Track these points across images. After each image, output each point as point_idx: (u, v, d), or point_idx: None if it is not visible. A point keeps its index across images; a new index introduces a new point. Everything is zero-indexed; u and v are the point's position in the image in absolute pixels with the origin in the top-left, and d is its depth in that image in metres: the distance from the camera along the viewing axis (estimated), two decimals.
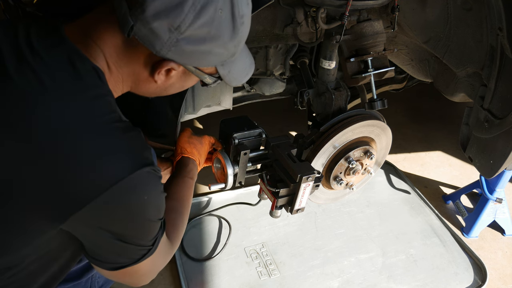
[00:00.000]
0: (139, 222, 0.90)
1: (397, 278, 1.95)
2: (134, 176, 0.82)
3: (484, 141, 1.55)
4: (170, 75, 0.93)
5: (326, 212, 2.28)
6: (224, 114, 1.66)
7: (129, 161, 0.83)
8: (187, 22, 0.82)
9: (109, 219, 0.86)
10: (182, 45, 0.85)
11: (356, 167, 1.49)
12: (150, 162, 0.87)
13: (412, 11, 1.60)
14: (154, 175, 0.88)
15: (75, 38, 0.87)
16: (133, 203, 0.86)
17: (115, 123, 0.85)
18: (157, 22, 0.81)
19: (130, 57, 0.90)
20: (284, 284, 1.89)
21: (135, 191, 0.85)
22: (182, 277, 1.85)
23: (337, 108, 1.50)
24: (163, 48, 0.85)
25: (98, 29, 0.87)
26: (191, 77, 0.98)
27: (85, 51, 0.87)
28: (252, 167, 1.43)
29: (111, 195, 0.81)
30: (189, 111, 1.83)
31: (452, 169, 2.76)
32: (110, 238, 0.88)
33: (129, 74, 0.93)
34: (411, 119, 3.22)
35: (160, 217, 0.96)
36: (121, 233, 0.89)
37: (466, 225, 2.27)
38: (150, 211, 0.91)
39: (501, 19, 1.30)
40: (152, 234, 0.95)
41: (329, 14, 1.39)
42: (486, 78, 1.49)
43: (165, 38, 0.83)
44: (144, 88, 0.98)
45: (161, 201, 0.95)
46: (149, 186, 0.88)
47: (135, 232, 0.91)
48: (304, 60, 1.87)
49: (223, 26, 0.87)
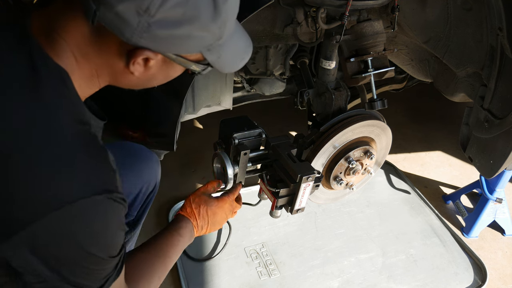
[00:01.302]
0: (84, 258, 0.78)
1: (397, 278, 1.95)
2: (84, 202, 0.73)
3: (484, 141, 1.55)
4: (148, 65, 0.82)
5: (326, 212, 2.28)
6: (224, 114, 1.65)
7: (80, 185, 0.74)
8: (157, 3, 0.71)
9: (48, 249, 0.74)
10: (155, 29, 0.74)
11: (356, 167, 1.49)
12: (109, 188, 0.77)
13: (412, 11, 1.60)
14: (110, 204, 0.78)
15: (39, 32, 0.78)
16: (80, 235, 0.76)
17: (75, 140, 0.76)
18: (122, 4, 0.71)
19: (100, 47, 0.80)
20: (284, 284, 1.89)
21: (81, 219, 0.74)
22: (182, 277, 1.85)
23: (337, 108, 1.50)
24: (133, 34, 0.74)
25: (62, 20, 0.78)
26: (174, 66, 0.87)
27: (50, 48, 0.78)
28: (252, 167, 1.43)
29: (52, 221, 0.71)
30: (189, 111, 1.83)
31: (452, 169, 2.76)
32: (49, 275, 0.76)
33: (103, 66, 0.83)
34: (411, 119, 3.22)
35: (112, 255, 0.83)
36: (62, 268, 0.77)
37: (466, 225, 2.27)
38: (99, 246, 0.79)
39: (501, 19, 1.30)
40: (100, 274, 0.83)
41: (329, 14, 1.39)
42: (486, 78, 1.49)
43: (134, 23, 0.73)
44: (123, 81, 0.88)
45: (114, 235, 0.84)
46: (102, 215, 0.78)
47: (79, 270, 0.79)
48: (304, 60, 1.87)
49: (201, 5, 0.75)
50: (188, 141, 2.73)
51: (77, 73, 0.81)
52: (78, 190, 0.73)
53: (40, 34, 0.78)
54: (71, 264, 0.78)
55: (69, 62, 0.80)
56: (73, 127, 0.77)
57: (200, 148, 2.70)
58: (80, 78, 0.82)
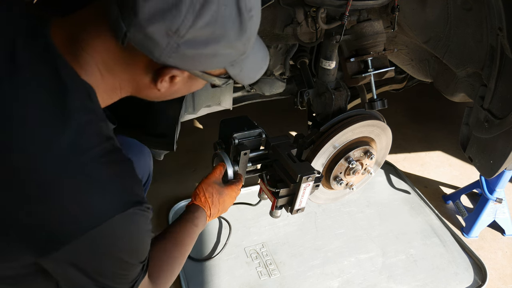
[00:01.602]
0: (117, 265, 0.85)
1: (397, 278, 1.95)
2: (116, 218, 0.77)
3: (484, 141, 1.55)
4: (174, 81, 0.84)
5: (326, 212, 2.28)
6: (224, 114, 1.66)
7: (112, 202, 0.78)
8: (187, 24, 0.72)
9: (86, 262, 0.81)
10: (184, 49, 0.75)
11: (356, 167, 1.49)
12: (138, 200, 0.81)
13: (412, 11, 1.60)
14: (140, 216, 0.82)
15: (63, 45, 0.79)
16: (114, 247, 0.82)
17: (102, 157, 0.78)
18: (152, 26, 0.72)
19: (127, 64, 0.81)
20: (284, 284, 1.89)
21: (115, 235, 0.80)
22: (182, 277, 1.85)
23: (337, 108, 1.50)
24: (162, 54, 0.76)
25: (87, 35, 0.78)
26: (198, 81, 0.89)
27: (75, 63, 0.78)
28: (252, 167, 1.43)
29: (90, 238, 0.76)
30: (189, 111, 1.83)
31: (452, 169, 2.76)
32: (86, 281, 0.83)
33: (128, 80, 0.85)
34: (411, 119, 3.22)
35: (141, 260, 0.90)
36: (98, 276, 0.84)
37: (466, 225, 2.27)
38: (130, 254, 0.86)
39: (501, 19, 1.30)
40: (131, 277, 0.89)
41: (329, 14, 1.39)
42: (486, 78, 1.49)
43: (164, 43, 0.74)
44: (146, 94, 0.90)
45: (145, 243, 0.89)
46: (132, 228, 0.83)
47: (113, 276, 0.86)
48: (304, 60, 1.87)
49: (228, 24, 0.76)
50: (188, 141, 2.73)
51: (101, 87, 0.83)
52: (112, 207, 0.77)
53: (64, 47, 0.79)
54: (107, 272, 0.84)
55: (94, 77, 0.81)
56: (101, 145, 0.79)
57: (200, 148, 2.70)
58: (103, 92, 0.84)
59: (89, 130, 0.78)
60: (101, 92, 0.83)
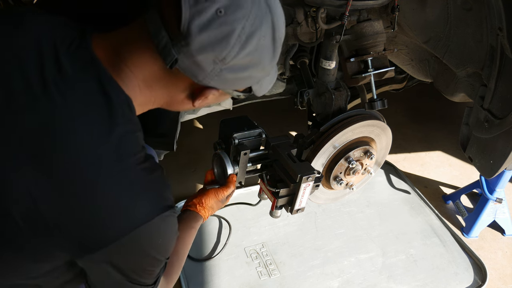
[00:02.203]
0: (148, 262, 0.92)
1: (397, 278, 1.95)
2: (155, 220, 0.84)
3: (484, 141, 1.55)
4: (208, 97, 0.91)
5: (326, 212, 2.28)
6: (224, 114, 1.65)
7: (151, 206, 0.84)
8: (233, 54, 0.80)
9: (123, 260, 0.87)
10: (225, 74, 0.83)
11: (356, 167, 1.49)
12: (170, 204, 0.88)
13: (412, 11, 1.60)
14: (172, 218, 0.90)
15: (105, 60, 0.83)
16: (150, 247, 0.88)
17: (140, 165, 0.84)
18: (202, 55, 0.79)
19: (167, 83, 0.87)
20: (284, 284, 1.89)
21: (152, 235, 0.86)
22: (182, 277, 1.85)
23: (337, 108, 1.50)
24: (206, 78, 0.83)
25: (132, 54, 0.83)
26: (226, 96, 0.96)
27: (117, 76, 0.83)
28: (252, 167, 1.43)
29: (131, 238, 0.82)
30: (189, 111, 1.83)
31: (452, 169, 2.76)
32: (119, 277, 0.89)
33: (163, 96, 0.91)
34: (411, 119, 3.22)
35: (167, 257, 0.97)
36: (131, 272, 0.90)
37: (466, 225, 2.27)
38: (161, 252, 0.93)
39: (501, 19, 1.30)
40: (156, 273, 0.96)
41: (329, 14, 1.39)
42: (486, 78, 1.49)
43: (209, 69, 0.81)
44: (177, 107, 0.96)
45: (173, 243, 0.96)
46: (167, 229, 0.90)
47: (143, 272, 0.93)
48: (304, 60, 1.87)
49: (265, 52, 0.85)
50: (188, 141, 2.73)
51: (138, 100, 0.88)
52: (153, 210, 0.84)
53: (106, 61, 0.83)
54: (138, 268, 0.91)
55: (133, 91, 0.86)
56: (139, 153, 0.85)
57: (200, 148, 2.70)
58: (138, 104, 0.89)
59: (130, 139, 0.84)
60: (137, 104, 0.88)
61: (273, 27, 0.84)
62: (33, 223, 0.78)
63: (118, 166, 0.81)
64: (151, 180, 0.86)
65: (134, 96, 0.86)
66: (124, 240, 0.81)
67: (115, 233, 0.81)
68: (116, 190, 0.80)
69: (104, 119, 0.81)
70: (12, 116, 0.78)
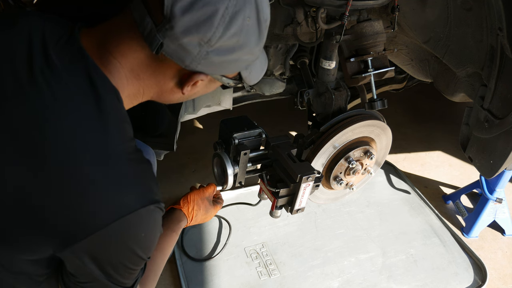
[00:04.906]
0: (128, 257, 0.89)
1: (397, 278, 1.95)
2: (140, 211, 0.82)
3: (484, 141, 1.55)
4: (196, 85, 0.92)
5: (326, 212, 2.28)
6: (224, 114, 1.66)
7: (138, 196, 0.83)
8: (217, 35, 0.80)
9: (103, 252, 0.85)
10: (212, 57, 0.83)
11: (356, 167, 1.49)
12: (157, 199, 0.87)
13: (412, 11, 1.60)
14: (158, 213, 0.88)
15: (93, 52, 0.84)
16: (132, 239, 0.86)
17: (128, 155, 0.84)
18: (187, 38, 0.79)
19: (154, 71, 0.88)
20: (284, 284, 1.89)
21: (136, 226, 0.85)
22: (182, 277, 1.85)
23: (337, 108, 1.50)
24: (192, 62, 0.83)
25: (118, 44, 0.84)
26: (215, 83, 0.97)
27: (104, 68, 0.84)
28: (252, 167, 1.43)
29: (114, 227, 0.80)
30: (189, 111, 1.83)
31: (452, 169, 2.76)
32: (98, 273, 0.87)
33: (152, 86, 0.91)
34: (411, 119, 3.22)
35: (148, 256, 0.94)
36: (110, 268, 0.88)
37: (466, 225, 2.27)
38: (142, 248, 0.90)
39: (501, 19, 1.30)
40: (135, 274, 0.94)
41: (329, 14, 1.39)
42: (486, 78, 1.49)
43: (195, 52, 0.82)
44: (168, 98, 0.96)
45: (156, 240, 0.94)
46: (150, 223, 0.88)
47: (123, 270, 0.91)
48: (304, 60, 1.87)
49: (250, 33, 0.85)
50: (188, 141, 2.73)
51: (125, 92, 0.88)
52: (138, 201, 0.83)
53: (94, 53, 0.84)
54: (120, 266, 0.89)
55: (120, 82, 0.86)
56: (126, 143, 0.85)
57: (200, 148, 2.70)
58: (127, 96, 0.89)
59: (118, 128, 0.84)
60: (125, 96, 0.88)
61: (257, 8, 0.84)
62: (20, 211, 0.78)
63: (106, 154, 0.81)
64: (139, 171, 0.85)
65: (121, 87, 0.86)
66: (107, 229, 0.79)
67: (101, 221, 0.79)
68: (104, 178, 0.79)
69: (92, 109, 0.81)
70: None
